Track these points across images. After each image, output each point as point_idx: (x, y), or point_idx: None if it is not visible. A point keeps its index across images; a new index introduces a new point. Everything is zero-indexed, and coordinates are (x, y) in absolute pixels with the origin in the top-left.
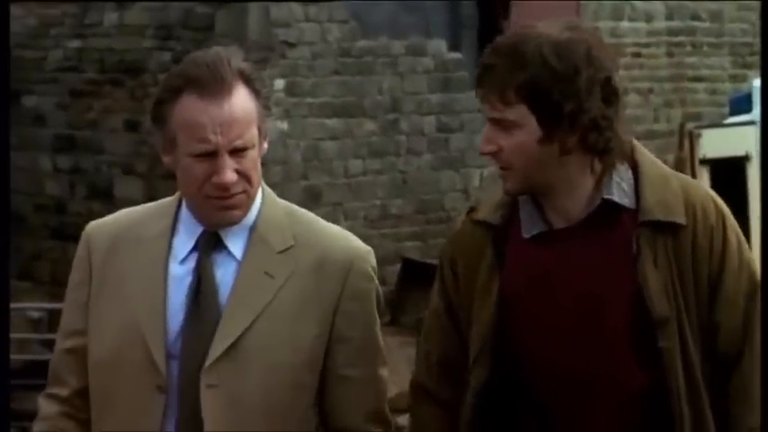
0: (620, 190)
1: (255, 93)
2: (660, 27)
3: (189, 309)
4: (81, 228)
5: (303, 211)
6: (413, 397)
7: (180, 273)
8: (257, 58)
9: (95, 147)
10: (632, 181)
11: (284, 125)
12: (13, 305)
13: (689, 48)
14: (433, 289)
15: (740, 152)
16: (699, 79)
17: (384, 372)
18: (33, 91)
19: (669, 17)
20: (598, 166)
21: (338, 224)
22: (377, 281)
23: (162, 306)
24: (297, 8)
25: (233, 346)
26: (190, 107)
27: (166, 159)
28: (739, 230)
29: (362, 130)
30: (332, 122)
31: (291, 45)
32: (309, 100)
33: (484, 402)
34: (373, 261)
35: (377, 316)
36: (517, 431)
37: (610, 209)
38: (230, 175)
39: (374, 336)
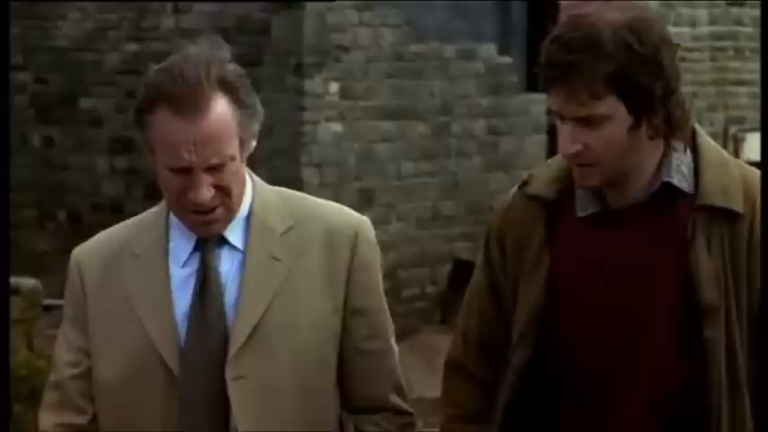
0: (679, 173)
1: (238, 101)
2: (704, 32)
3: (195, 307)
4: None
5: (295, 192)
6: (447, 374)
7: (183, 276)
8: (313, 61)
9: None
10: (692, 165)
11: (339, 128)
12: (57, 302)
13: (732, 52)
14: (477, 265)
15: None
16: (741, 83)
17: (394, 341)
18: (91, 93)
19: (713, 22)
20: (660, 147)
21: (390, 225)
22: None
23: (170, 316)
24: (351, 13)
25: (253, 333)
26: (164, 123)
27: (150, 159)
28: None
29: (414, 133)
30: (385, 125)
31: (346, 49)
32: (363, 103)
33: (524, 383)
34: (373, 230)
35: (381, 284)
36: (556, 415)
37: (668, 192)
38: (205, 194)
39: (384, 305)
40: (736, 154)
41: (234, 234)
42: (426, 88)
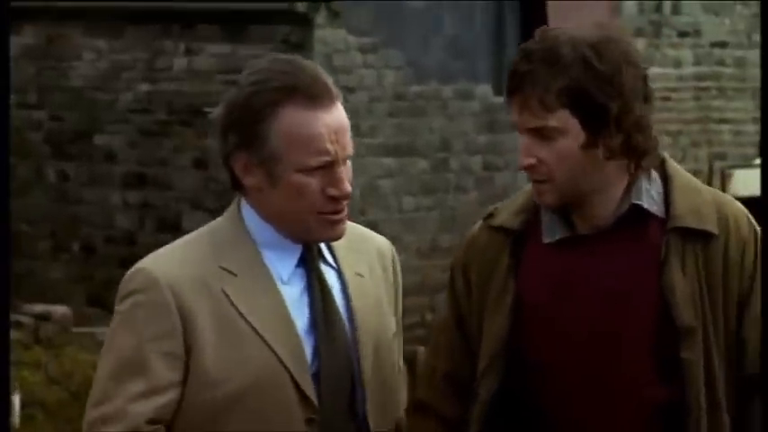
0: (648, 197)
1: None
2: (688, 73)
3: (320, 326)
4: None
5: None
6: (414, 414)
7: (293, 293)
8: None
9: (164, 183)
10: (662, 190)
11: None
12: (84, 329)
13: (714, 92)
14: (444, 300)
15: None
16: (724, 121)
17: None
18: (105, 130)
19: (697, 63)
20: (625, 173)
21: None
22: None
23: (296, 335)
24: (356, 55)
25: (374, 350)
26: (299, 118)
27: (252, 180)
28: None
29: (415, 169)
30: (388, 161)
31: (351, 90)
32: (367, 140)
33: (491, 415)
34: None
35: None
36: None
37: (638, 215)
38: (348, 186)
39: None
40: (724, 190)
41: (324, 248)
42: (426, 126)
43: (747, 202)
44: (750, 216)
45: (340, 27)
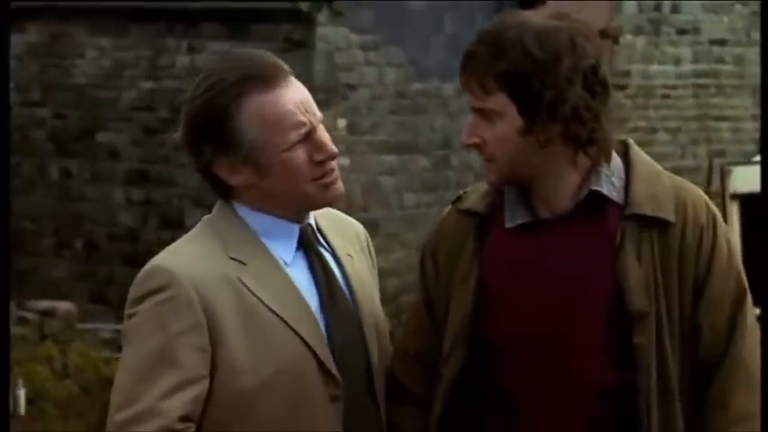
0: (608, 183)
1: None
2: (687, 70)
3: (327, 306)
4: (154, 255)
5: None
6: (388, 391)
7: (300, 277)
8: (322, 99)
9: (167, 180)
10: (623, 176)
11: (346, 161)
12: (87, 326)
13: (713, 89)
14: (416, 283)
15: None
16: (723, 119)
17: None
18: (108, 128)
19: (695, 61)
20: (584, 160)
21: (394, 253)
22: None
23: (313, 317)
24: (358, 53)
25: (377, 328)
26: (264, 103)
27: (240, 178)
28: (729, 235)
29: (416, 166)
30: (389, 159)
31: (352, 87)
32: (368, 138)
33: (455, 395)
34: None
35: None
36: (484, 428)
37: (597, 201)
38: (332, 146)
39: None
40: (723, 186)
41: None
42: (427, 124)
43: (747, 198)
44: (709, 202)
45: (342, 25)
